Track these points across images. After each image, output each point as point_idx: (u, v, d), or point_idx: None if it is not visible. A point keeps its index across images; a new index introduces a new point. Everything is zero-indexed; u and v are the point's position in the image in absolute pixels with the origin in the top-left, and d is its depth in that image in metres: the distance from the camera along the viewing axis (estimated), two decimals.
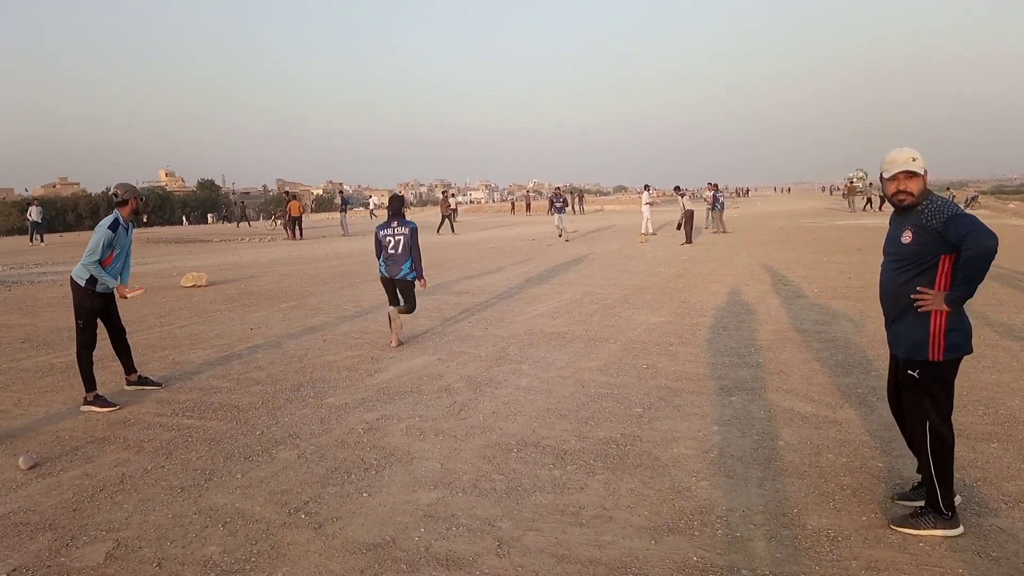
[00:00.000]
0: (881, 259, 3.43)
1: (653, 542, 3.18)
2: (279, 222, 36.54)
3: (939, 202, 3.12)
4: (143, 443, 4.62)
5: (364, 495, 3.76)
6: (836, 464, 3.99)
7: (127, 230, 5.63)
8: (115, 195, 5.61)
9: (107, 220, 5.50)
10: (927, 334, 3.14)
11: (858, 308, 8.56)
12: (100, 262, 5.37)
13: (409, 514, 3.52)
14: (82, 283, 5.44)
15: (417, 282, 7.42)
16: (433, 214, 44.49)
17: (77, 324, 5.46)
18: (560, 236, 22.01)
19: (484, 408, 5.17)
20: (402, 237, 7.38)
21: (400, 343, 7.37)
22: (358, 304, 10.17)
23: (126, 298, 5.69)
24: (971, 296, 3.07)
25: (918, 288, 3.15)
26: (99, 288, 5.47)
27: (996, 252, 2.94)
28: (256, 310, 9.88)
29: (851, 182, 52.10)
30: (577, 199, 52.32)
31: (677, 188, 22.42)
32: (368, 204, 60.37)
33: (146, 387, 5.83)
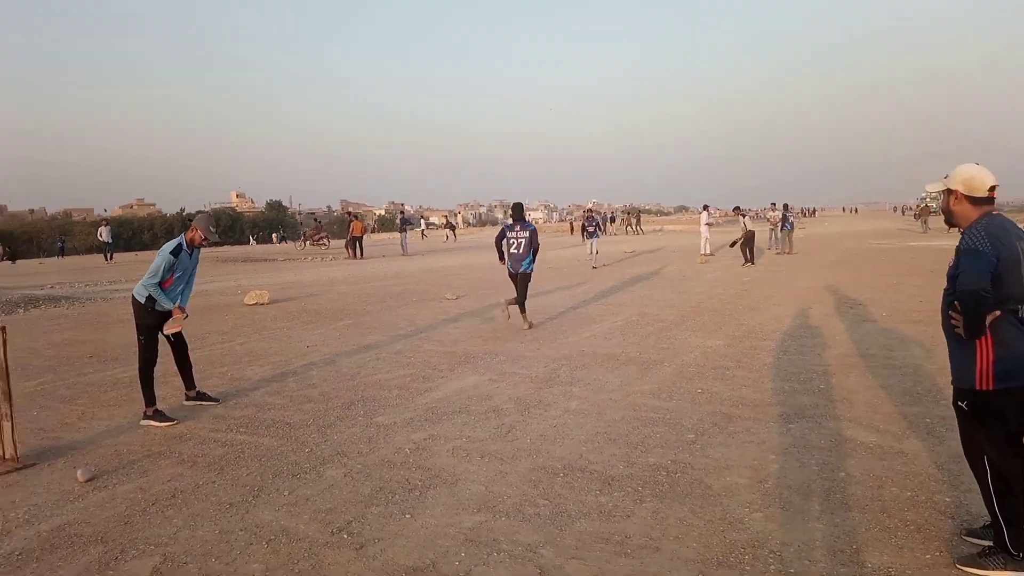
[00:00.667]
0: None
1: (700, 575, 3.05)
2: (308, 243, 40.29)
3: (972, 229, 3.01)
4: (197, 458, 4.72)
5: (407, 516, 3.73)
6: (900, 498, 3.77)
7: (190, 255, 5.77)
8: (188, 218, 5.80)
9: (171, 245, 5.66)
10: (973, 360, 2.97)
11: (929, 333, 8.16)
12: (160, 284, 5.54)
13: (451, 538, 3.48)
14: (142, 300, 5.63)
15: (530, 267, 9.32)
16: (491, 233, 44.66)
17: (139, 340, 5.64)
18: (592, 263, 19.64)
19: (532, 430, 5.10)
20: (524, 239, 9.15)
21: (531, 325, 9.44)
22: (413, 323, 10.25)
23: (173, 325, 5.76)
24: (973, 335, 2.95)
25: (949, 312, 3.04)
26: (158, 307, 5.64)
27: (974, 299, 2.87)
28: (314, 328, 10.06)
29: (925, 202, 50.26)
30: (635, 220, 51.97)
31: (737, 208, 21.96)
32: (421, 224, 60.94)
33: (204, 403, 5.97)
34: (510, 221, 9.63)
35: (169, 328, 5.76)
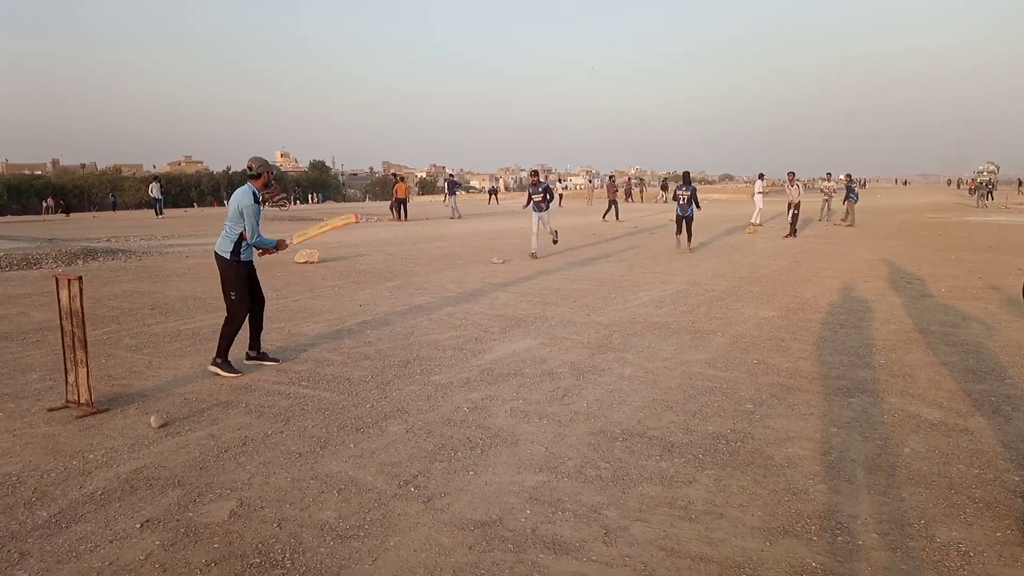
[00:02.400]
0: (1016, 259, 3.19)
1: (768, 543, 3.06)
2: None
3: None
4: (263, 409, 4.86)
5: (471, 473, 3.80)
6: (967, 475, 3.72)
7: (261, 198, 5.89)
8: (249, 168, 5.83)
9: (248, 195, 5.66)
10: None
11: (990, 311, 7.95)
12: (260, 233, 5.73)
13: (515, 495, 3.54)
14: (227, 255, 5.67)
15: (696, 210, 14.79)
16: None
17: (228, 297, 5.68)
18: (532, 253, 13.92)
19: (588, 395, 5.13)
20: (686, 196, 14.64)
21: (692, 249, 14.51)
22: (462, 286, 10.32)
23: (291, 245, 6.23)
24: None
25: None
26: (243, 257, 5.74)
27: None
28: (364, 287, 10.20)
29: (981, 175, 48.50)
30: (669, 187, 51.38)
31: (792, 174, 21.26)
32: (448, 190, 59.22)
33: (264, 363, 6.05)
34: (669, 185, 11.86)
35: (299, 241, 6.39)
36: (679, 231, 14.90)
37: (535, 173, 14.89)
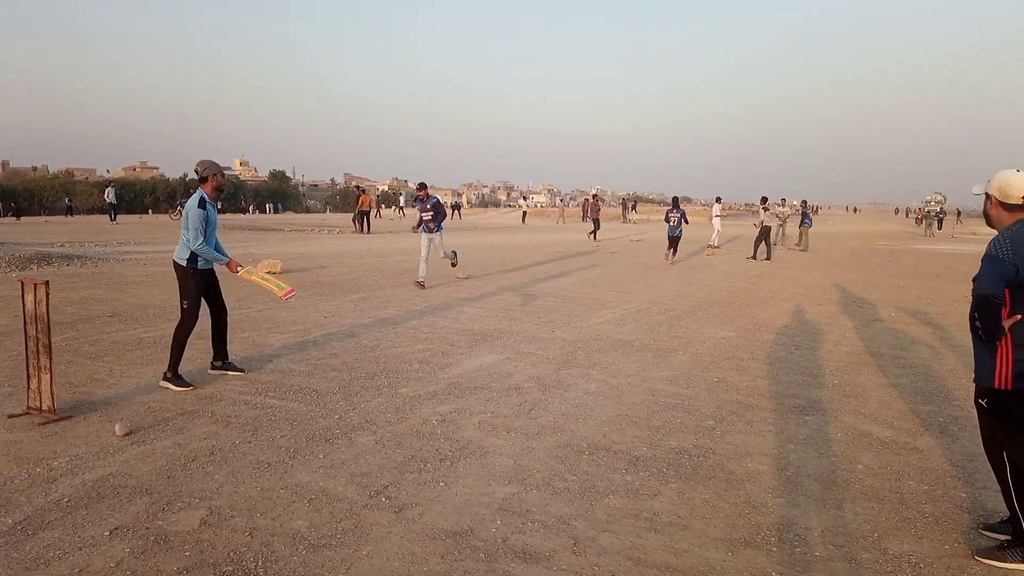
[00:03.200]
0: (961, 286, 3.44)
1: (730, 554, 3.18)
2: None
3: (999, 236, 3.12)
4: (230, 418, 4.83)
5: (441, 484, 3.85)
6: (918, 491, 3.90)
7: (214, 207, 5.74)
8: (196, 172, 5.70)
9: (194, 200, 5.59)
10: (994, 360, 3.09)
11: (937, 335, 8.30)
12: (204, 240, 5.55)
13: (485, 506, 3.60)
14: (183, 263, 5.61)
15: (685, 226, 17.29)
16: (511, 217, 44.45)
17: (182, 305, 5.61)
18: (419, 281, 11.69)
19: (554, 409, 5.22)
20: (676, 217, 16.95)
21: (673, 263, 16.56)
22: (427, 300, 10.35)
23: (237, 272, 5.78)
24: (989, 337, 3.06)
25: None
26: (201, 265, 5.66)
27: (984, 303, 2.99)
28: (329, 299, 10.16)
29: (928, 206, 50.39)
30: (631, 207, 52.48)
31: (764, 199, 21.56)
32: (401, 202, 58.64)
33: (228, 372, 5.98)
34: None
35: (243, 270, 5.80)
36: (670, 247, 17.01)
37: (422, 187, 12.49)
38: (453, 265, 12.79)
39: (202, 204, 5.60)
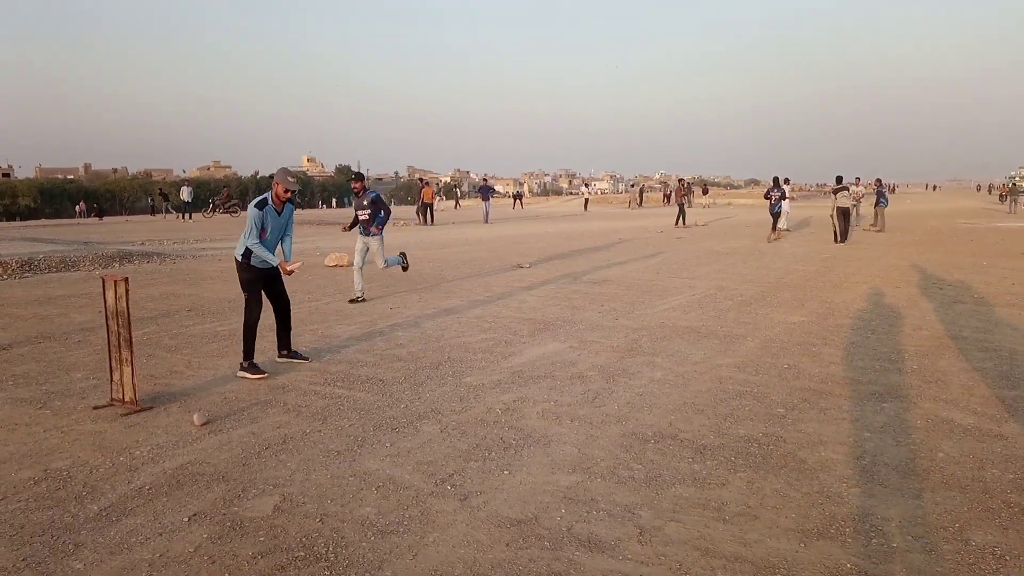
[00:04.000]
0: None
1: (802, 545, 3.09)
2: (218, 211, 36.30)
3: None
4: (301, 408, 4.97)
5: (505, 472, 3.87)
6: (1002, 480, 3.71)
7: (279, 212, 5.90)
8: (270, 177, 6.01)
9: (256, 200, 5.86)
10: None
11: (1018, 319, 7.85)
12: (258, 238, 5.77)
13: (550, 494, 3.60)
14: (240, 258, 5.86)
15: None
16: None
17: (245, 298, 5.90)
18: (355, 297, 9.59)
19: (619, 398, 5.17)
20: (776, 196, 18.65)
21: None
22: (489, 290, 10.41)
23: (287, 273, 5.95)
24: None
25: None
26: (255, 262, 5.87)
27: None
28: (394, 291, 10.34)
29: (1013, 181, 47.71)
30: (697, 192, 51.30)
31: (841, 179, 20.60)
32: (457, 193, 59.61)
33: (295, 360, 6.20)
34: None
35: (291, 267, 5.91)
36: (774, 224, 19.06)
37: (359, 177, 10.16)
38: (404, 269, 10.08)
39: (260, 205, 5.81)
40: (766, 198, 18.95)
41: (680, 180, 27.80)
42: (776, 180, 19.95)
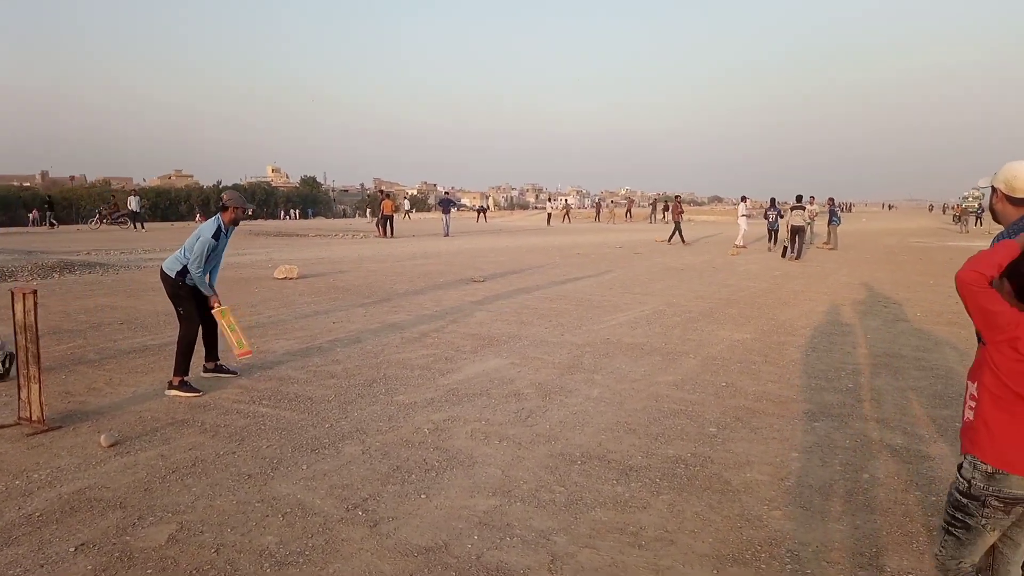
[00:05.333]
0: None
1: (715, 572, 3.00)
2: (104, 222, 34.53)
3: (1003, 234, 2.86)
4: (219, 428, 4.77)
5: (422, 496, 3.73)
6: (925, 503, 3.68)
7: (226, 235, 5.78)
8: (220, 199, 5.78)
9: (210, 229, 5.62)
10: None
11: (964, 336, 7.95)
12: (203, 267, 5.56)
13: (465, 520, 3.47)
14: (173, 275, 5.64)
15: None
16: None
17: (178, 312, 5.67)
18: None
19: (552, 416, 5.06)
20: (774, 215, 20.39)
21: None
22: (439, 304, 10.26)
23: (212, 309, 5.78)
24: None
25: None
26: (187, 281, 5.67)
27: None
28: (340, 304, 10.12)
29: (965, 201, 49.03)
30: (662, 208, 51.82)
31: (800, 197, 21.12)
32: (406, 205, 60.21)
33: (221, 375, 6.00)
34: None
35: (215, 305, 5.79)
36: (771, 239, 21.02)
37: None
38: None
39: (216, 235, 5.64)
40: (764, 218, 22.03)
41: (676, 197, 27.53)
42: (773, 200, 22.18)
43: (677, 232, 24.43)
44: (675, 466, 4.15)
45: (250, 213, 5.79)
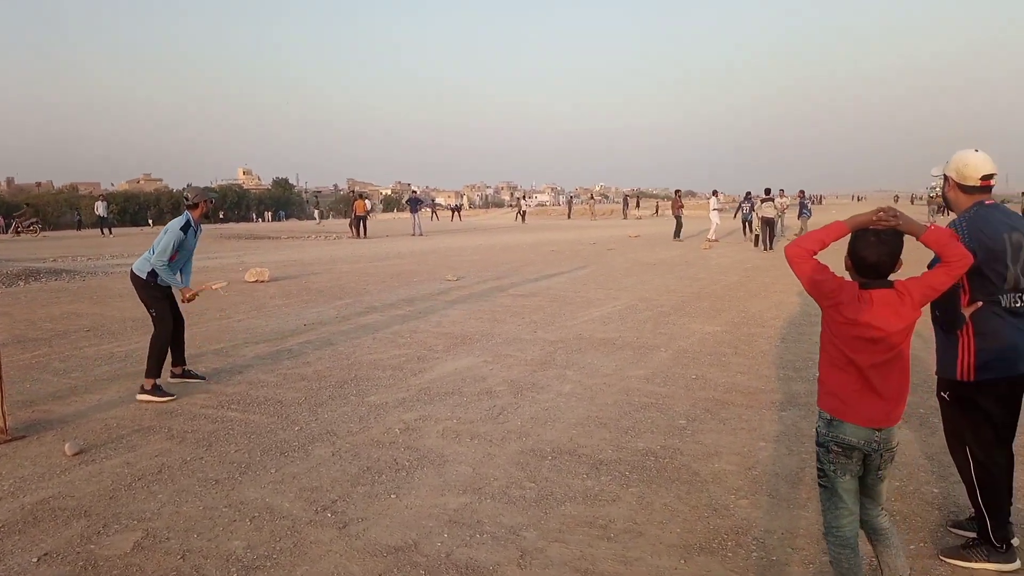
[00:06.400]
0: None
1: (683, 561, 3.03)
2: (17, 232, 33.71)
3: (956, 221, 2.96)
4: (186, 433, 4.71)
5: (392, 496, 3.72)
6: (888, 488, 3.73)
7: (196, 232, 5.74)
8: (186, 198, 5.72)
9: (179, 221, 5.61)
10: (955, 351, 2.94)
11: (930, 324, 8.09)
12: (167, 261, 5.51)
13: (435, 518, 3.47)
14: (143, 276, 5.57)
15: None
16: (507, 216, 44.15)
17: (151, 314, 5.61)
18: None
19: (523, 413, 5.08)
20: (748, 207, 20.68)
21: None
22: (413, 304, 10.23)
23: (185, 301, 5.82)
24: (949, 327, 2.97)
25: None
26: (159, 282, 5.61)
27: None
28: (312, 306, 10.05)
29: (934, 191, 49.71)
30: (634, 203, 52.50)
31: (766, 191, 21.48)
32: (431, 204, 59.97)
33: (189, 380, 5.93)
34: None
35: (189, 294, 5.82)
36: (747, 230, 21.77)
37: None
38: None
39: (185, 228, 5.61)
40: (739, 210, 23.76)
41: (677, 192, 27.08)
42: (747, 194, 23.49)
43: (677, 227, 23.70)
44: (645, 459, 4.18)
45: (214, 203, 5.78)
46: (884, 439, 2.46)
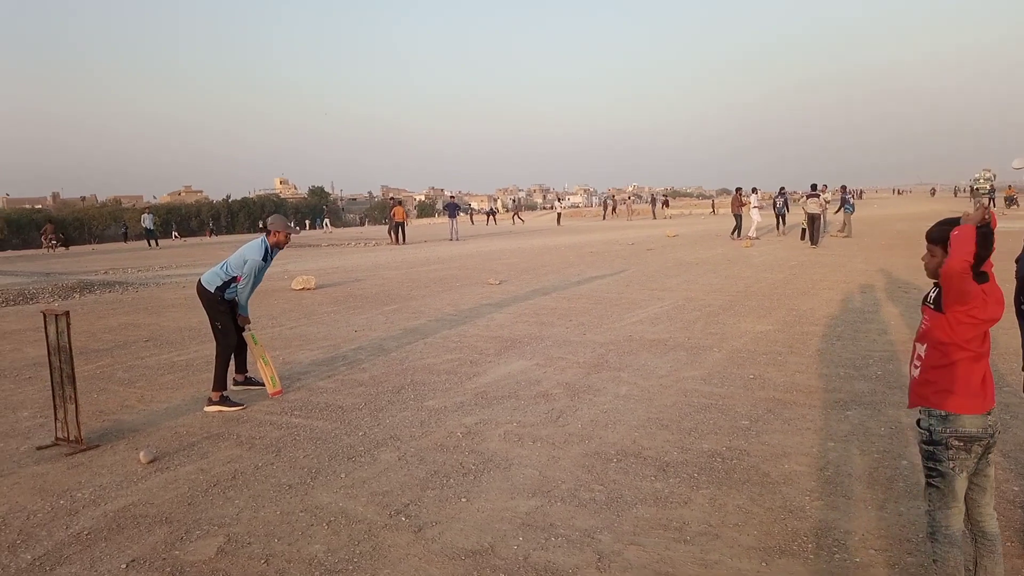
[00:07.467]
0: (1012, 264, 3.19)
1: (764, 564, 3.00)
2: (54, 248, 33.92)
3: None
4: (254, 440, 4.81)
5: (463, 500, 3.75)
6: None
7: (271, 256, 5.87)
8: (266, 224, 5.89)
9: (259, 250, 5.69)
10: None
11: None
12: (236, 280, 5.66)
13: (508, 521, 3.49)
14: (212, 289, 5.67)
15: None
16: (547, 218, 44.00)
17: (214, 327, 5.70)
18: None
19: (583, 416, 5.08)
20: (782, 201, 23.78)
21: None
22: (457, 308, 10.29)
23: (243, 325, 5.92)
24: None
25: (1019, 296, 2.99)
26: (227, 295, 5.73)
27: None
28: (360, 312, 10.17)
29: (977, 183, 48.48)
30: (662, 203, 52.43)
31: (812, 187, 21.42)
32: (468, 210, 60.49)
33: (251, 387, 6.05)
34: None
35: (248, 337, 5.98)
36: (780, 224, 23.60)
37: None
38: None
39: (266, 256, 5.76)
40: (773, 206, 24.59)
41: (737, 189, 26.52)
42: (781, 189, 25.38)
43: (737, 225, 23.06)
44: (712, 460, 4.15)
45: (297, 233, 5.98)
46: (995, 420, 2.48)
